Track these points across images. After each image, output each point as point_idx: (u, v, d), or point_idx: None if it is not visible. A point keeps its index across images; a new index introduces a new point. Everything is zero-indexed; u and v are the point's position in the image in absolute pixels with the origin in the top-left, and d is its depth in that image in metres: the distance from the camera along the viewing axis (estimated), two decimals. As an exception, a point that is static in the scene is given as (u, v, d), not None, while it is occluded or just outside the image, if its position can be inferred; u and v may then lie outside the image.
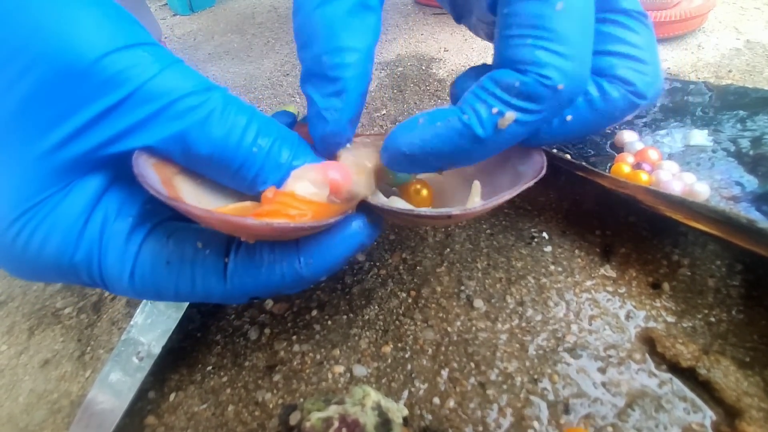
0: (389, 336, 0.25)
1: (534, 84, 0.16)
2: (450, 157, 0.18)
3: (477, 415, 0.21)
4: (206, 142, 0.17)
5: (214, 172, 0.18)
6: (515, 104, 0.17)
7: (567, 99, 0.17)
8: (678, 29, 0.49)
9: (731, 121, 0.32)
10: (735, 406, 0.19)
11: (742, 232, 0.21)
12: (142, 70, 0.16)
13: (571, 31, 0.17)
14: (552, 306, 0.25)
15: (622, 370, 0.22)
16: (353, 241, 0.19)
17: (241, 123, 0.17)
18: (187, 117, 0.17)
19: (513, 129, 0.17)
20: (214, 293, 0.19)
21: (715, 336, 0.23)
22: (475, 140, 0.17)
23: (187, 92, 0.17)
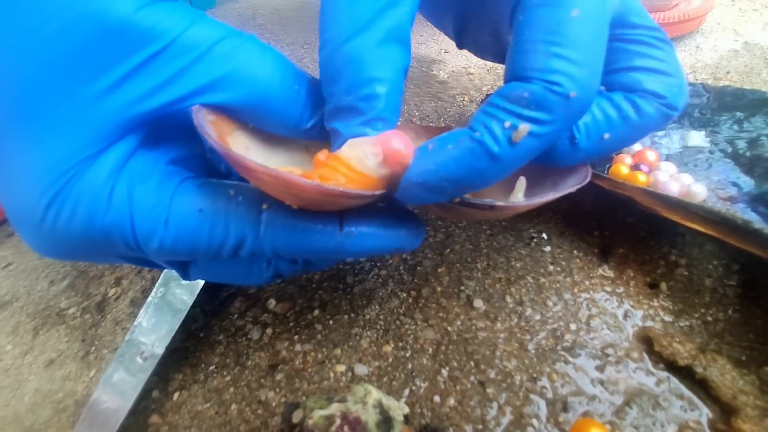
0: (390, 335, 0.25)
1: (543, 92, 0.16)
2: (466, 180, 0.17)
3: (477, 414, 0.22)
4: (247, 85, 0.17)
5: (261, 116, 0.18)
6: (527, 115, 0.16)
7: (579, 108, 0.17)
8: (676, 31, 0.49)
9: (728, 122, 0.33)
10: (731, 404, 0.20)
11: (738, 232, 0.21)
12: (175, 22, 0.16)
13: (584, 38, 0.16)
14: (551, 305, 0.26)
15: (620, 369, 0.22)
16: (396, 240, 0.19)
17: (279, 65, 0.18)
18: (224, 62, 0.17)
19: (528, 143, 0.16)
20: (246, 241, 0.18)
21: (711, 335, 0.23)
22: (490, 158, 0.16)
23: (219, 39, 0.17)
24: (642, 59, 0.20)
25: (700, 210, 0.22)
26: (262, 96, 0.17)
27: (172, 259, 0.20)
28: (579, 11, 0.16)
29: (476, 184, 0.17)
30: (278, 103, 0.18)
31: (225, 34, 0.17)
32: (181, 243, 0.18)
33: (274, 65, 0.17)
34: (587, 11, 0.16)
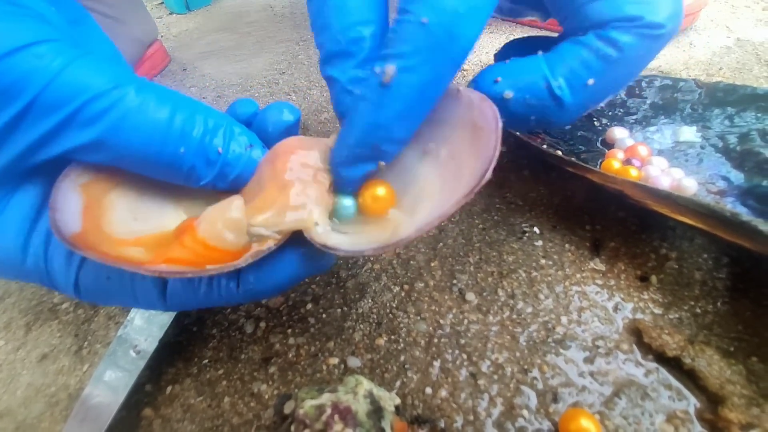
0: (383, 328, 0.26)
1: (398, 25, 0.16)
2: (372, 138, 0.17)
3: (468, 405, 0.22)
4: (126, 146, 0.16)
5: (147, 172, 0.17)
6: (391, 53, 0.16)
7: (441, 34, 0.15)
8: (669, 27, 0.49)
9: (720, 117, 0.33)
10: (718, 393, 0.20)
11: (726, 225, 0.22)
12: (41, 73, 0.15)
13: None
14: (542, 299, 0.26)
15: (610, 360, 0.23)
16: (292, 273, 0.18)
17: (162, 120, 0.16)
18: (101, 121, 0.15)
19: (402, 79, 0.16)
20: (156, 307, 0.19)
21: (700, 327, 0.23)
22: (373, 107, 0.16)
23: (96, 93, 0.15)
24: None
25: (689, 203, 0.22)
26: (143, 157, 0.16)
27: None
28: None
29: (383, 138, 0.17)
30: (161, 165, 0.17)
31: (101, 85, 0.15)
32: (95, 300, 0.19)
33: (154, 124, 0.16)
34: None
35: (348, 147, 0.17)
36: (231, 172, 0.18)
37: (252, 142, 0.19)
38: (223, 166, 0.18)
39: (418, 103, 0.16)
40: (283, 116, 0.20)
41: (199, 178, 0.18)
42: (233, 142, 0.18)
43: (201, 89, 0.55)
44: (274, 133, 0.20)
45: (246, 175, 0.19)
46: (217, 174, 0.18)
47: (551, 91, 0.18)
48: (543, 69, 0.19)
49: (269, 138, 0.20)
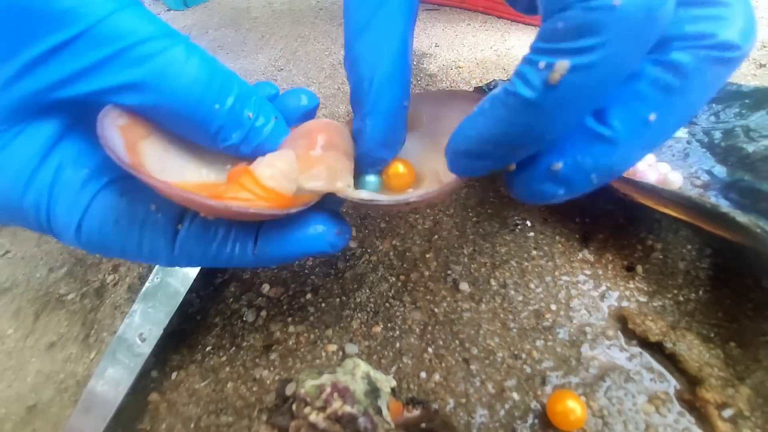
0: (380, 317, 0.27)
1: (580, 13, 0.12)
2: (510, 139, 0.15)
3: (461, 388, 0.23)
4: (165, 93, 0.17)
5: (176, 125, 0.18)
6: (564, 48, 0.13)
7: (635, 18, 0.12)
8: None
9: (706, 113, 0.34)
10: (697, 375, 0.21)
11: (707, 216, 0.23)
12: (96, 8, 0.15)
13: None
14: (533, 288, 0.27)
15: (596, 346, 0.24)
16: (312, 245, 0.19)
17: (203, 76, 0.17)
18: (145, 65, 0.16)
19: (571, 80, 0.13)
20: (160, 258, 0.19)
21: (682, 314, 0.24)
22: (528, 108, 0.13)
23: (145, 37, 0.16)
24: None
25: (673, 195, 0.23)
26: (178, 108, 0.17)
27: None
28: None
29: (524, 141, 0.15)
30: (193, 119, 0.18)
31: (151, 32, 0.16)
32: (92, 245, 0.19)
33: (196, 78, 0.17)
34: None
35: (481, 141, 0.15)
36: (255, 138, 0.19)
37: (278, 115, 0.20)
38: (250, 131, 0.19)
39: (578, 107, 0.14)
40: (301, 101, 0.22)
41: (225, 138, 0.18)
42: (262, 111, 0.19)
43: (200, 85, 0.56)
44: (292, 116, 0.22)
45: (268, 145, 0.20)
46: (243, 137, 0.19)
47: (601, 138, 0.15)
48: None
49: (288, 119, 0.22)
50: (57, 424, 0.24)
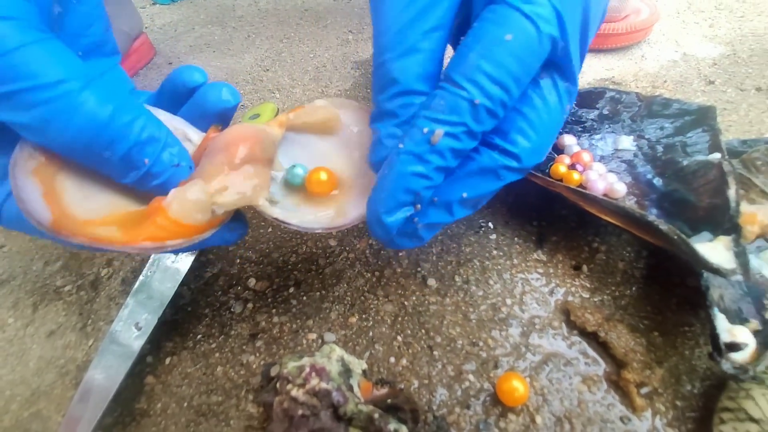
0: (355, 309, 0.30)
1: (453, 97, 0.18)
2: (414, 188, 0.19)
3: (424, 371, 0.26)
4: (58, 137, 0.17)
5: (79, 161, 0.19)
6: (441, 119, 0.18)
7: (484, 119, 0.18)
8: (625, 41, 0.54)
9: (653, 128, 0.38)
10: (622, 360, 0.25)
11: (637, 224, 0.26)
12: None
13: (504, 59, 0.18)
14: (492, 284, 0.30)
15: (542, 335, 0.27)
16: (206, 240, 0.21)
17: (98, 120, 0.17)
18: (35, 109, 0.16)
19: (447, 143, 0.18)
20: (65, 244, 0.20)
21: (617, 307, 0.28)
22: (419, 162, 0.19)
23: (39, 83, 0.16)
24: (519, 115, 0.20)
25: (610, 205, 0.27)
26: (72, 152, 0.18)
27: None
28: (512, 36, 0.18)
29: (422, 186, 0.19)
30: (86, 162, 0.19)
31: (50, 75, 0.16)
32: (12, 227, 0.21)
33: (87, 125, 0.17)
34: (518, 39, 0.18)
35: (387, 194, 0.19)
36: (152, 181, 0.20)
37: (181, 160, 0.21)
38: (145, 175, 0.20)
39: (453, 159, 0.19)
40: (222, 96, 0.23)
41: (118, 177, 0.19)
42: (163, 154, 0.20)
43: (188, 84, 0.57)
44: (211, 111, 0.23)
45: (168, 186, 0.20)
46: (138, 179, 0.20)
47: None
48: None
49: (206, 114, 0.23)
50: (60, 405, 0.27)
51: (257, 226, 0.36)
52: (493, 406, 0.24)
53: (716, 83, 0.48)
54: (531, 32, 0.18)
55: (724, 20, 0.59)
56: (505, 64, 0.18)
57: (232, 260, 0.34)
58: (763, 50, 0.52)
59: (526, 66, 0.18)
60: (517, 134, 0.20)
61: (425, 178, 0.19)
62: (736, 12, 0.60)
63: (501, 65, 0.18)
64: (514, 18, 0.18)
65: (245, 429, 0.25)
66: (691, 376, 0.25)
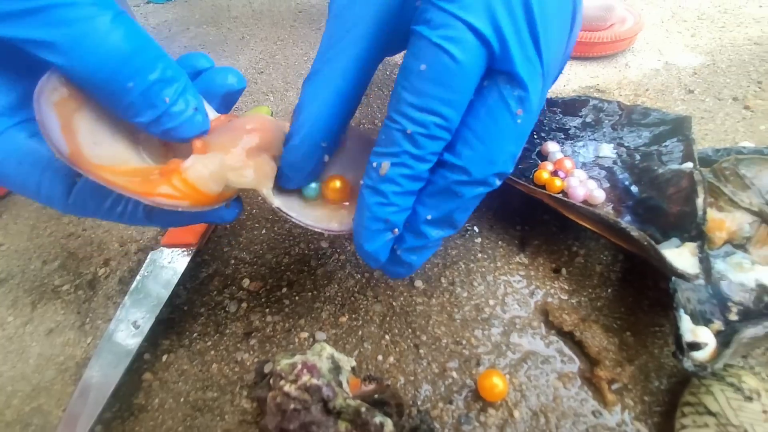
0: (346, 309, 0.31)
1: (389, 130, 0.20)
2: (380, 215, 0.21)
3: (410, 368, 0.28)
4: (78, 59, 0.17)
5: (91, 92, 0.19)
6: (385, 152, 0.20)
7: (423, 144, 0.19)
8: (609, 49, 0.56)
9: (632, 136, 0.39)
10: (596, 358, 0.26)
11: (611, 229, 0.28)
12: None
13: (425, 88, 0.19)
14: (476, 285, 0.32)
15: (522, 334, 0.29)
16: (205, 216, 0.23)
17: (123, 51, 0.18)
18: (64, 27, 0.17)
19: (394, 172, 0.20)
20: (55, 202, 0.21)
21: (593, 309, 0.30)
22: (377, 193, 0.20)
23: (79, 2, 0.17)
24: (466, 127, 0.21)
25: (587, 211, 0.29)
26: (90, 76, 0.18)
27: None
28: (426, 66, 0.19)
29: (388, 212, 0.21)
30: (105, 90, 0.18)
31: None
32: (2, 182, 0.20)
33: (114, 51, 0.17)
34: (433, 67, 0.19)
35: (363, 225, 0.21)
36: (168, 122, 0.20)
37: (199, 107, 0.21)
38: (163, 115, 0.20)
39: (410, 185, 0.21)
40: (228, 80, 0.24)
41: (135, 115, 0.19)
42: (182, 98, 0.20)
43: (182, 85, 0.58)
44: (217, 92, 0.24)
45: (180, 132, 0.20)
46: (154, 119, 0.19)
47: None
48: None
49: (212, 95, 0.24)
50: (60, 400, 0.28)
51: (251, 228, 0.37)
52: (474, 401, 0.26)
53: (695, 92, 0.49)
54: (443, 59, 0.18)
55: (706, 30, 0.61)
56: (426, 92, 0.19)
57: (226, 261, 0.35)
58: (740, 61, 0.54)
59: (453, 86, 0.19)
60: (462, 146, 0.20)
61: (387, 205, 0.21)
62: (718, 22, 0.62)
63: (422, 93, 0.19)
64: (425, 48, 0.18)
65: (239, 423, 0.26)
66: (659, 373, 0.26)
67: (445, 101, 0.19)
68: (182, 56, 0.25)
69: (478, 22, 0.18)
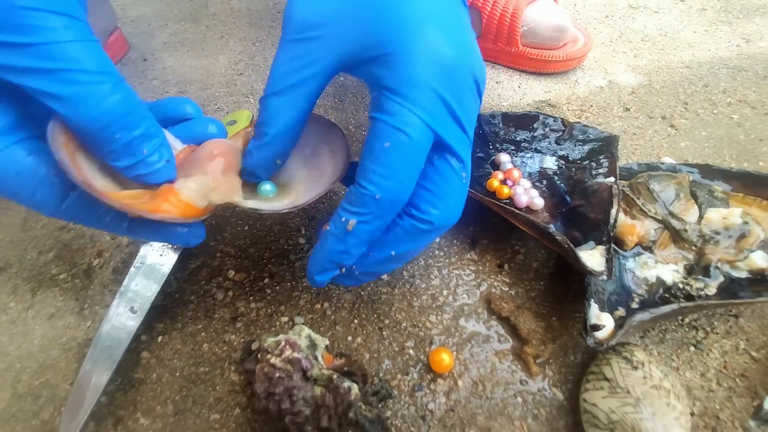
0: (320, 297, 0.36)
1: (358, 194, 0.24)
2: (337, 259, 0.26)
3: (375, 347, 0.33)
4: (80, 111, 0.22)
5: (82, 137, 0.23)
6: (353, 210, 0.24)
7: (388, 205, 0.24)
8: (561, 67, 0.62)
9: (572, 150, 0.46)
10: (526, 338, 0.33)
11: (542, 234, 0.34)
12: (54, 33, 0.20)
13: (389, 161, 0.24)
14: (432, 278, 0.37)
15: (468, 319, 0.35)
16: (174, 238, 0.27)
17: (116, 112, 0.22)
18: (73, 86, 0.21)
19: (360, 228, 0.25)
20: (45, 209, 0.25)
21: (528, 298, 0.36)
22: (341, 242, 0.25)
23: (84, 69, 0.21)
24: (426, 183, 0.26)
25: (524, 218, 0.35)
26: (85, 126, 0.22)
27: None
28: (389, 144, 0.24)
29: (344, 259, 0.26)
30: (95, 138, 0.23)
31: (91, 67, 0.21)
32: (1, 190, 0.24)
33: (109, 111, 0.22)
34: (395, 144, 0.24)
35: (319, 262, 0.26)
36: (142, 169, 0.25)
37: (170, 159, 0.26)
38: (139, 162, 0.25)
39: (368, 238, 0.26)
40: (209, 129, 0.30)
41: (116, 159, 0.24)
42: (157, 152, 0.25)
43: (163, 83, 0.60)
44: (199, 138, 0.29)
45: (152, 178, 0.26)
46: (131, 164, 0.24)
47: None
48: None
49: (194, 141, 0.29)
50: (66, 375, 0.32)
51: (235, 225, 0.42)
52: (426, 373, 0.31)
53: (631, 110, 0.56)
54: (402, 137, 0.23)
55: (647, 52, 0.68)
56: (390, 164, 0.24)
57: (213, 254, 0.39)
58: (672, 82, 0.61)
59: (410, 159, 0.24)
60: (428, 206, 0.26)
61: (346, 253, 0.26)
62: (658, 45, 0.70)
63: (388, 165, 0.24)
64: (387, 130, 0.24)
65: (228, 392, 0.30)
66: (575, 350, 0.33)
67: (405, 171, 0.24)
68: (171, 99, 0.30)
69: (424, 115, 0.24)
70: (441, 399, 0.30)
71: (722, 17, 0.74)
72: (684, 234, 0.36)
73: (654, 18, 0.75)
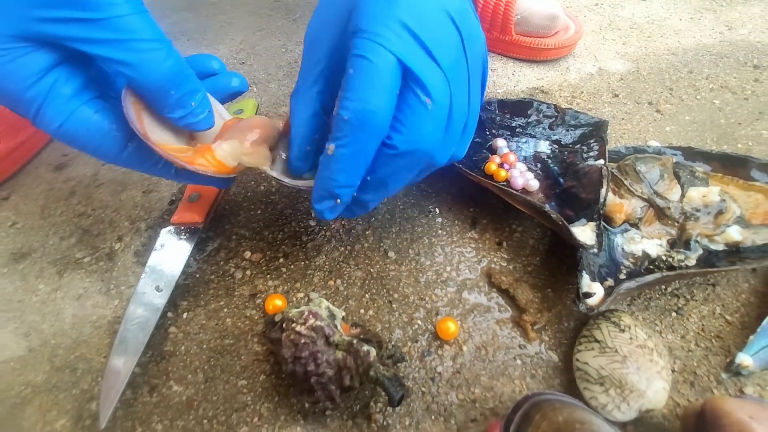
0: (333, 274, 0.38)
1: (335, 119, 0.26)
2: (328, 184, 0.28)
3: (385, 318, 0.36)
4: (143, 73, 0.25)
5: (144, 96, 0.27)
6: (333, 135, 0.26)
7: (359, 126, 0.25)
8: (553, 54, 0.65)
9: (564, 136, 0.48)
10: (524, 307, 0.36)
11: (538, 212, 0.37)
12: (118, 8, 0.24)
13: (357, 86, 0.25)
14: (436, 255, 0.40)
15: (471, 292, 0.37)
16: (212, 181, 0.33)
17: (171, 73, 0.26)
18: (136, 53, 0.24)
19: (339, 152, 0.26)
20: (108, 158, 0.29)
21: (525, 272, 0.39)
22: (325, 168, 0.27)
23: (144, 38, 0.24)
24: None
25: (521, 198, 0.37)
26: (148, 85, 0.26)
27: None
28: (352, 70, 0.25)
29: (333, 185, 0.27)
30: (155, 95, 0.27)
31: (149, 35, 0.25)
32: (63, 138, 0.28)
33: (165, 72, 0.26)
34: (357, 69, 0.25)
35: (316, 191, 0.29)
36: (191, 119, 0.29)
37: (211, 110, 0.30)
38: (189, 114, 0.29)
39: (350, 163, 0.27)
40: (232, 83, 0.35)
41: (171, 111, 0.28)
42: (201, 104, 0.29)
43: (167, 73, 0.62)
44: (225, 91, 0.34)
45: (198, 126, 0.30)
46: (183, 115, 0.29)
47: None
48: None
49: (219, 93, 0.34)
50: (99, 350, 0.34)
51: (248, 209, 0.44)
52: (434, 341, 0.34)
53: (620, 96, 0.59)
54: (363, 62, 0.25)
55: (635, 39, 0.70)
56: (353, 87, 0.25)
57: (229, 236, 0.41)
58: (658, 69, 0.64)
59: (372, 81, 0.25)
60: (392, 132, 0.27)
61: (332, 180, 0.27)
62: (645, 32, 0.72)
63: (351, 88, 0.25)
64: (351, 60, 0.25)
65: (253, 361, 0.33)
66: (569, 317, 0.36)
67: (369, 92, 0.25)
68: (199, 56, 0.34)
69: (385, 42, 0.25)
70: (448, 363, 0.33)
71: (707, 5, 0.77)
72: (667, 211, 0.40)
73: (642, 6, 0.78)
